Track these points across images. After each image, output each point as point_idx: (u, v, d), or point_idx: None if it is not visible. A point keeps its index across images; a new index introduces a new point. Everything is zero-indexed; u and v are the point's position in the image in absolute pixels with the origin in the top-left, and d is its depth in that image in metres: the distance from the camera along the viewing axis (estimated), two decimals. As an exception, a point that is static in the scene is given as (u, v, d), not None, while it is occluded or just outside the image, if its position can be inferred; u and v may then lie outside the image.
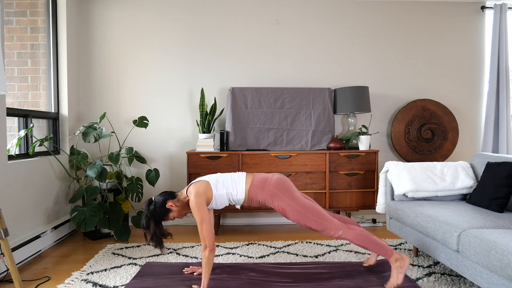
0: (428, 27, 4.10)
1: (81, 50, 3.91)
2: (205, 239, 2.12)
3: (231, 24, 3.97)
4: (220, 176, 2.33)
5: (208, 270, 2.13)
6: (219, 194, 2.27)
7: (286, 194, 2.25)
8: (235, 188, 2.29)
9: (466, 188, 2.87)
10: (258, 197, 2.28)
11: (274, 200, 2.25)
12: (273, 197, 2.25)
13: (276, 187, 2.26)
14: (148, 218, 2.21)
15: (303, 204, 2.24)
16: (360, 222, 3.98)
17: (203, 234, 2.13)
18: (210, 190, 2.26)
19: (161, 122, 3.96)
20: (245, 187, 2.29)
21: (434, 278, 2.47)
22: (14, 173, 2.76)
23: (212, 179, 2.30)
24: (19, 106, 3.40)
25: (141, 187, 3.54)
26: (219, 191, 2.27)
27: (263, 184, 2.28)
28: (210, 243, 2.12)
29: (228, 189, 2.29)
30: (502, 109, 3.98)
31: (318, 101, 3.80)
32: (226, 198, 2.30)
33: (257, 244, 3.25)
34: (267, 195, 2.26)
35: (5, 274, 2.53)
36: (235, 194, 2.28)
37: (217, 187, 2.28)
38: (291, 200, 2.24)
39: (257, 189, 2.27)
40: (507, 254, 1.72)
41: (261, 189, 2.27)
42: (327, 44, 4.04)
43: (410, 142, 4.00)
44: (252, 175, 2.34)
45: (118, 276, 2.51)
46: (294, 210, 2.22)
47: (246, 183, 2.30)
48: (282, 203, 2.24)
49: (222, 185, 2.29)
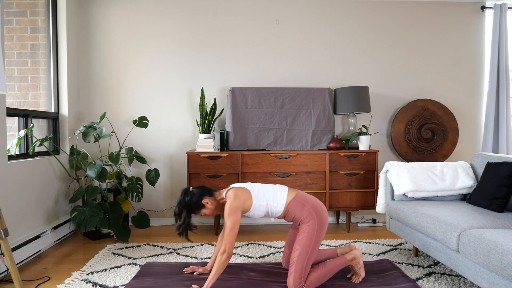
0: (428, 27, 4.10)
1: (81, 50, 3.91)
2: (227, 245, 2.10)
3: (231, 24, 3.97)
4: (261, 187, 2.32)
5: (218, 273, 2.12)
6: (258, 205, 2.25)
7: (319, 225, 2.20)
8: (276, 200, 2.27)
9: (466, 188, 2.87)
10: (296, 212, 2.25)
11: (309, 221, 2.20)
12: (309, 217, 2.21)
13: (316, 211, 2.22)
14: (181, 207, 2.21)
15: (316, 248, 2.19)
16: (360, 222, 3.98)
17: (228, 239, 2.11)
18: (250, 199, 2.24)
19: (161, 122, 3.96)
20: (286, 200, 2.27)
21: (434, 278, 2.47)
22: (14, 173, 2.76)
23: (254, 189, 2.28)
24: (19, 106, 3.40)
25: (141, 187, 3.54)
26: (260, 201, 2.25)
27: (305, 202, 2.25)
28: (231, 250, 2.11)
29: (268, 201, 2.26)
30: (502, 109, 3.98)
31: (318, 101, 3.80)
32: (264, 210, 2.28)
33: (257, 244, 3.25)
34: (305, 213, 2.22)
35: (5, 274, 2.53)
36: (274, 206, 2.26)
37: (258, 197, 2.26)
38: (316, 235, 2.19)
39: (297, 204, 2.25)
40: (507, 254, 1.72)
41: (302, 206, 2.24)
42: (327, 44, 4.04)
43: (410, 142, 4.00)
44: (296, 191, 2.33)
45: (118, 276, 2.51)
46: (308, 244, 2.17)
47: (288, 196, 2.28)
48: (309, 229, 2.19)
49: (263, 196, 2.27)
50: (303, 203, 2.25)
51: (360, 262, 2.35)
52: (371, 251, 3.05)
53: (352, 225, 3.90)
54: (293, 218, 2.28)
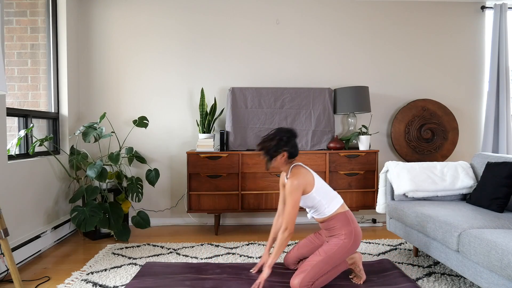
0: (428, 27, 4.10)
1: (81, 50, 3.91)
2: (289, 223, 2.17)
3: (231, 24, 3.97)
4: (324, 184, 2.33)
5: (281, 251, 2.20)
6: (313, 197, 2.26)
7: (351, 247, 2.22)
8: (329, 203, 2.28)
9: (466, 188, 2.87)
10: (338, 224, 2.25)
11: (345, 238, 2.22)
12: (347, 235, 2.22)
13: (356, 235, 2.24)
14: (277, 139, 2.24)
15: (336, 263, 2.23)
16: (360, 222, 3.98)
17: (290, 217, 2.16)
18: (312, 187, 2.25)
19: (161, 122, 3.96)
20: (337, 209, 2.28)
21: (434, 278, 2.47)
22: (14, 173, 2.76)
23: (319, 181, 2.29)
24: (19, 106, 3.40)
25: (141, 187, 3.54)
26: (317, 194, 2.26)
27: (352, 221, 2.27)
28: (292, 227, 2.18)
29: (323, 199, 2.27)
30: (502, 109, 3.98)
31: (318, 101, 3.80)
32: (313, 203, 2.28)
33: (257, 244, 3.25)
34: (346, 230, 2.23)
35: (5, 274, 2.53)
36: (325, 207, 2.27)
37: (318, 190, 2.26)
38: (344, 253, 2.22)
39: (345, 219, 2.26)
40: (507, 254, 1.72)
41: (347, 223, 2.25)
42: (327, 44, 4.04)
43: (410, 142, 4.00)
44: (347, 208, 2.33)
45: (118, 276, 2.51)
46: (334, 256, 2.20)
47: (340, 207, 2.29)
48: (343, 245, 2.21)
49: (323, 192, 2.28)
50: (350, 221, 2.27)
51: (360, 265, 2.37)
52: (371, 251, 3.05)
53: (352, 225, 3.89)
54: (332, 227, 2.28)
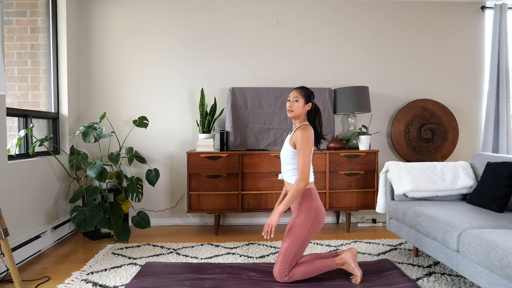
0: (428, 27, 4.10)
1: (81, 50, 3.91)
2: (305, 172, 2.23)
3: (231, 24, 3.97)
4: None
5: (294, 200, 2.27)
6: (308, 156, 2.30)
7: (313, 225, 2.29)
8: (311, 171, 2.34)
9: (466, 188, 2.87)
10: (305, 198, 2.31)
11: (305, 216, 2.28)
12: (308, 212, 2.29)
13: (317, 211, 2.31)
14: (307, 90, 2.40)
15: (304, 244, 2.30)
16: (360, 222, 3.98)
17: (304, 167, 2.22)
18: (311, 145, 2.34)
19: (161, 122, 3.96)
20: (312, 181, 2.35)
21: (434, 278, 2.47)
22: (14, 173, 2.76)
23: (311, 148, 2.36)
24: (19, 106, 3.40)
25: (141, 187, 3.54)
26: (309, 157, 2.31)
27: (315, 199, 2.33)
28: (307, 178, 2.24)
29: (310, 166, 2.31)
30: (502, 109, 3.98)
31: (318, 101, 3.79)
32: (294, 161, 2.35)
33: (257, 244, 3.25)
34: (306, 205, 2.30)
35: (5, 274, 2.53)
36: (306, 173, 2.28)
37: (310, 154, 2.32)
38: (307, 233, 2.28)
39: (308, 193, 2.33)
40: (507, 254, 1.72)
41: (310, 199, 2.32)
42: (327, 44, 4.04)
43: (410, 142, 4.00)
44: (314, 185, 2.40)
45: (118, 276, 2.51)
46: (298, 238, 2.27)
47: (311, 183, 2.35)
48: (303, 225, 2.27)
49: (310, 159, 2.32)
50: (313, 197, 2.33)
51: (351, 264, 2.36)
52: (371, 251, 3.05)
53: (352, 225, 3.89)
54: (300, 200, 2.33)
